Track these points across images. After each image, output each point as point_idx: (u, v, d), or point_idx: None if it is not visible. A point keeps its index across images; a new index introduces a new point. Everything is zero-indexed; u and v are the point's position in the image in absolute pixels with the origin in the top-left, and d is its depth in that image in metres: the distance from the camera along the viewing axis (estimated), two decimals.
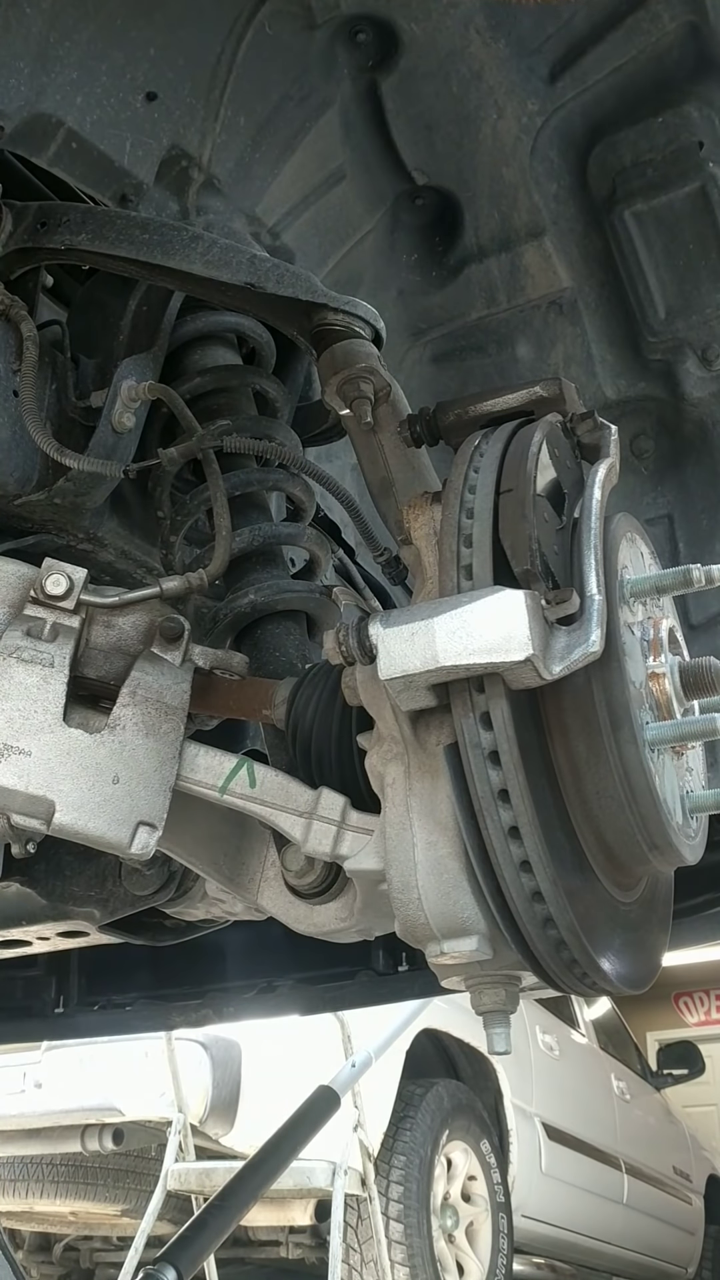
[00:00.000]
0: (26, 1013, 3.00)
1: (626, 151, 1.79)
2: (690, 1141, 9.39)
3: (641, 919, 1.27)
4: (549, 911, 1.07)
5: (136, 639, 1.31)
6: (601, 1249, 7.17)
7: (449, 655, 1.04)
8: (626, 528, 1.25)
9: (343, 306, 1.46)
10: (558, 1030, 6.92)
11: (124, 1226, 5.24)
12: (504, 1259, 5.48)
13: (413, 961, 2.68)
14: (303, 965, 2.76)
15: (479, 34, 1.62)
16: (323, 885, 1.31)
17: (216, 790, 1.26)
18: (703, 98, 1.71)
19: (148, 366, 1.56)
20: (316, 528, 1.73)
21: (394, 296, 1.95)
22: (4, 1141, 4.96)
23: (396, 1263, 4.77)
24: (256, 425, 1.60)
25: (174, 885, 1.89)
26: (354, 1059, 4.25)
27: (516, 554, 1.11)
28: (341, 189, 1.78)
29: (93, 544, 1.64)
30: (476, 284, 1.95)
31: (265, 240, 1.73)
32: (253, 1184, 3.31)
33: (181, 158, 1.60)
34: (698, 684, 1.21)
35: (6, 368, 1.47)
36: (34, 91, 1.43)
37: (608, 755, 1.13)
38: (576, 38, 1.65)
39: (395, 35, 1.61)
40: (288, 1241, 5.27)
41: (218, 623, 1.52)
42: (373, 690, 1.15)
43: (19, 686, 1.22)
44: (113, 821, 1.20)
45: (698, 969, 12.00)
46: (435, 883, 1.11)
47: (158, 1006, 2.92)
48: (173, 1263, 2.83)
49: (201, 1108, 4.58)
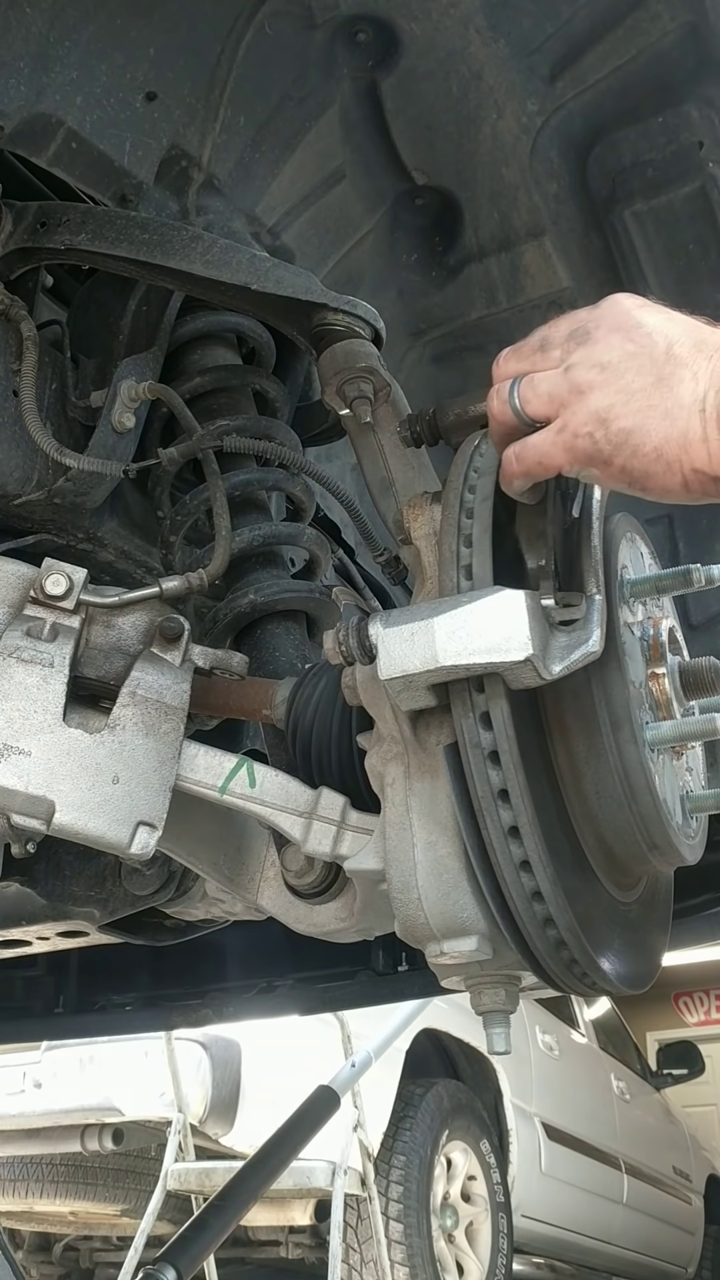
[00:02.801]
0: (26, 1013, 3.00)
1: (626, 151, 1.79)
2: (690, 1141, 9.39)
3: (641, 919, 1.27)
4: (549, 911, 1.07)
5: (136, 639, 1.31)
6: (601, 1249, 7.17)
7: (449, 655, 1.05)
8: (626, 528, 1.25)
9: (343, 306, 1.46)
10: (558, 1030, 6.92)
11: (124, 1226, 5.24)
12: (504, 1259, 5.48)
13: (412, 961, 2.68)
14: (302, 965, 2.76)
15: (479, 34, 1.62)
16: (322, 885, 1.31)
17: (216, 790, 1.26)
18: (703, 98, 1.71)
19: (147, 366, 1.56)
20: (316, 528, 1.73)
21: (394, 296, 1.95)
22: (4, 1141, 4.95)
23: (396, 1263, 4.77)
24: (256, 425, 1.60)
25: (174, 885, 1.89)
26: (354, 1059, 4.25)
27: (532, 548, 1.11)
28: (341, 189, 1.78)
29: (93, 544, 1.64)
30: (476, 284, 1.95)
31: (265, 240, 1.73)
32: (253, 1184, 3.31)
33: (181, 158, 1.60)
34: (697, 684, 1.22)
35: (6, 368, 1.47)
36: (34, 91, 1.43)
37: (608, 755, 1.13)
38: (576, 38, 1.65)
39: (395, 35, 1.61)
40: (288, 1241, 5.27)
41: (218, 623, 1.52)
42: (373, 690, 1.15)
43: (19, 686, 1.22)
44: (113, 821, 1.20)
45: (698, 969, 11.99)
46: (435, 883, 1.11)
47: (158, 1006, 2.92)
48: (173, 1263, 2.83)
49: (201, 1108, 4.58)
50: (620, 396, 1.02)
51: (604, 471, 1.04)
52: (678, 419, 1.00)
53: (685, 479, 1.01)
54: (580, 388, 1.04)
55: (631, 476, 1.03)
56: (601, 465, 1.04)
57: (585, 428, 1.03)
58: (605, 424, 1.02)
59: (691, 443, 1.00)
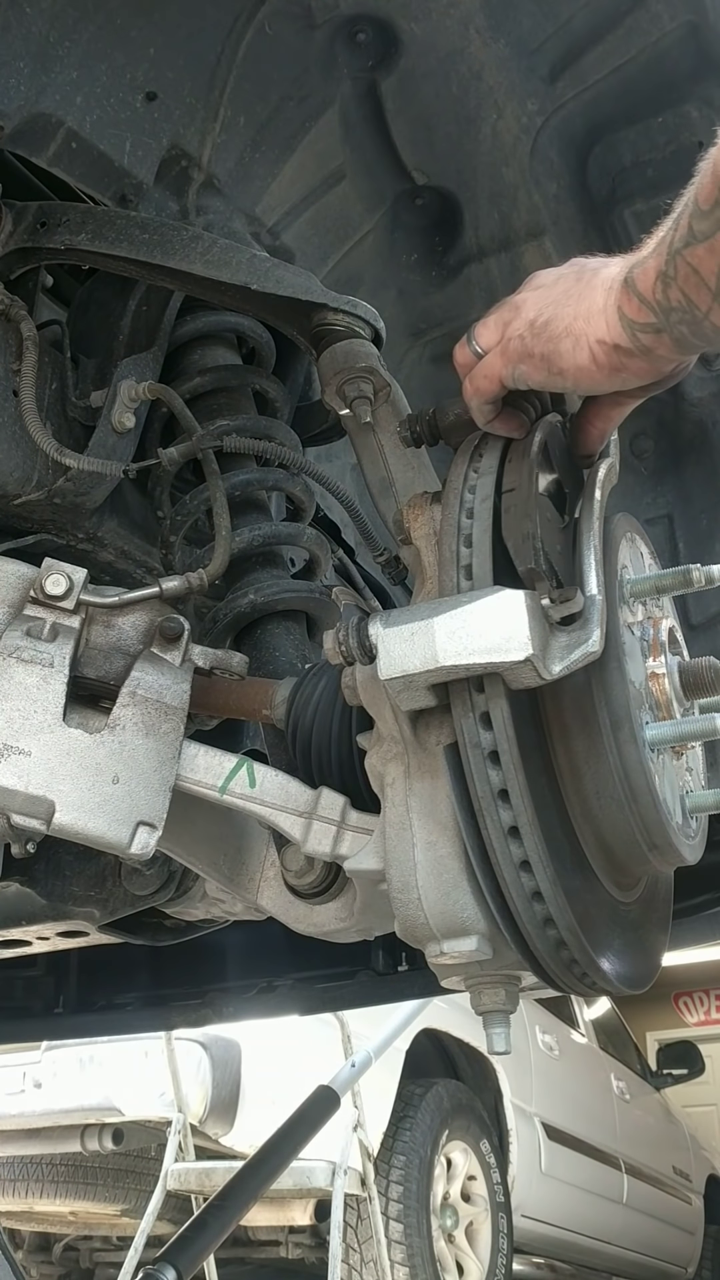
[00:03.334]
0: (26, 1013, 3.00)
1: (627, 151, 1.79)
2: (690, 1141, 9.39)
3: (641, 919, 1.27)
4: (549, 911, 1.07)
5: (136, 639, 1.31)
6: (601, 1249, 7.17)
7: (449, 655, 1.05)
8: (626, 528, 1.25)
9: (342, 306, 1.46)
10: (557, 1030, 6.92)
11: (124, 1226, 5.24)
12: (504, 1259, 5.48)
13: (412, 961, 2.68)
14: (302, 965, 2.76)
15: (479, 34, 1.62)
16: (322, 885, 1.31)
17: (216, 790, 1.26)
18: (703, 98, 1.71)
19: (147, 366, 1.56)
20: (316, 528, 1.73)
21: (394, 296, 1.95)
22: (4, 1141, 4.96)
23: (396, 1263, 4.77)
24: (256, 425, 1.60)
25: (174, 885, 1.89)
26: (354, 1059, 4.25)
27: (519, 553, 1.11)
28: (341, 189, 1.78)
29: (93, 544, 1.64)
30: (476, 284, 1.95)
31: (265, 240, 1.73)
32: (253, 1184, 3.31)
33: (181, 158, 1.60)
34: (697, 684, 1.22)
35: (6, 368, 1.47)
36: (34, 91, 1.43)
37: (607, 755, 1.13)
38: (576, 38, 1.65)
39: (395, 35, 1.61)
40: (288, 1241, 5.27)
41: (218, 623, 1.52)
42: (373, 690, 1.15)
43: (19, 686, 1.22)
44: (113, 821, 1.20)
45: (698, 969, 12.00)
46: (435, 883, 1.11)
47: (158, 1006, 2.92)
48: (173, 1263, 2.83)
49: (201, 1108, 4.58)
50: (547, 301, 1.13)
51: (530, 366, 1.14)
52: (584, 299, 1.10)
53: (592, 352, 1.09)
54: (518, 305, 1.16)
55: (549, 361, 1.12)
56: (528, 360, 1.13)
57: (517, 332, 1.14)
58: (532, 324, 1.13)
59: (593, 315, 1.09)
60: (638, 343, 1.07)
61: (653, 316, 1.05)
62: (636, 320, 1.06)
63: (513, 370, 1.15)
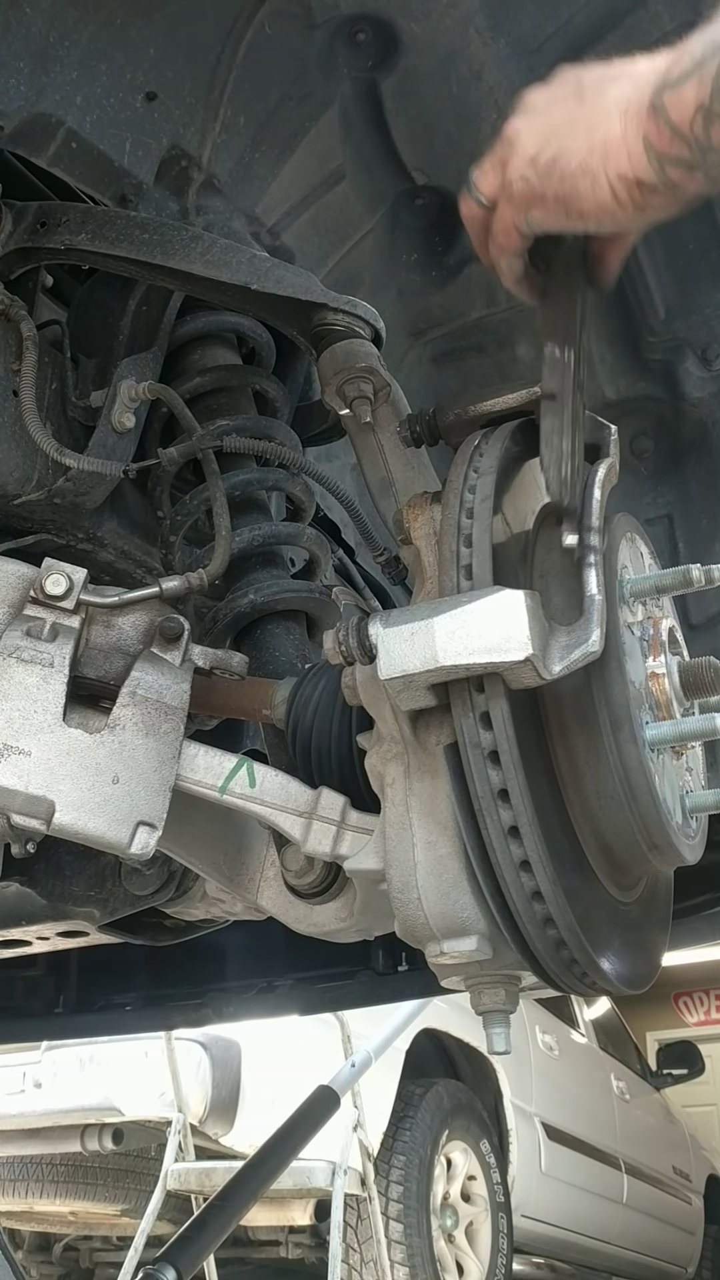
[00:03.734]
0: (26, 1013, 3.00)
1: None
2: (690, 1141, 9.39)
3: (641, 919, 1.27)
4: (549, 911, 1.07)
5: (136, 639, 1.31)
6: (601, 1249, 7.17)
7: (449, 655, 1.05)
8: (626, 528, 1.25)
9: (342, 306, 1.46)
10: (557, 1030, 6.92)
11: (124, 1226, 5.24)
12: (504, 1259, 5.48)
13: (412, 961, 2.68)
14: (302, 965, 2.76)
15: (479, 34, 1.62)
16: (322, 885, 1.31)
17: (216, 790, 1.26)
18: None
19: (147, 366, 1.56)
20: (316, 528, 1.73)
21: (394, 296, 1.95)
22: (4, 1141, 4.96)
23: (396, 1263, 4.77)
24: (256, 425, 1.60)
25: (174, 885, 1.90)
26: (354, 1059, 4.25)
27: None
28: (341, 189, 1.78)
29: (93, 544, 1.64)
30: (476, 284, 1.95)
31: (265, 240, 1.73)
32: (253, 1184, 3.31)
33: (181, 158, 1.60)
34: (698, 684, 1.22)
35: (6, 368, 1.47)
36: (34, 91, 1.43)
37: (607, 755, 1.13)
38: (576, 38, 1.65)
39: (395, 35, 1.61)
40: (287, 1241, 5.27)
41: (218, 623, 1.52)
42: (372, 690, 1.15)
43: (19, 686, 1.22)
44: (113, 821, 1.20)
45: (698, 969, 12.00)
46: (435, 882, 1.11)
47: (158, 1006, 2.92)
48: (173, 1263, 2.83)
49: (201, 1108, 4.58)
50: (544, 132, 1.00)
51: (544, 210, 1.02)
52: (598, 128, 0.97)
53: (612, 188, 0.97)
54: (509, 138, 1.03)
55: (566, 204, 1.00)
56: (540, 203, 1.02)
57: (519, 173, 1.02)
58: (534, 162, 1.01)
59: (612, 147, 0.96)
60: (664, 178, 0.95)
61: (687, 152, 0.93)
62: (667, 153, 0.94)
63: (525, 217, 1.03)
